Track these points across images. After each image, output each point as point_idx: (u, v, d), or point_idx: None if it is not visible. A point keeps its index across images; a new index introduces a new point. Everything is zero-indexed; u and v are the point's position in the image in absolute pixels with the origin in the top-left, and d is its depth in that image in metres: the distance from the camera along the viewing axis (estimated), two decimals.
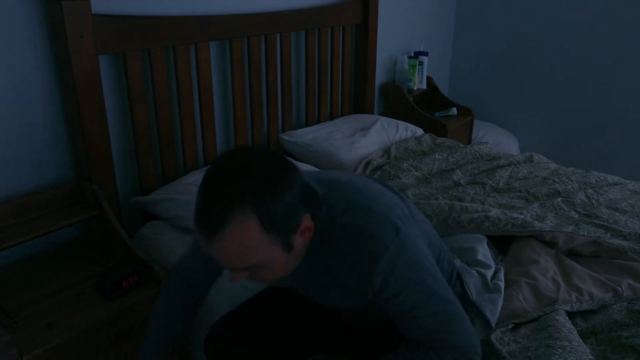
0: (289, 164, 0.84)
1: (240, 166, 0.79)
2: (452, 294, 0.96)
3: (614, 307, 1.26)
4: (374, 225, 0.90)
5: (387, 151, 2.33)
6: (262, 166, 0.80)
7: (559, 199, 1.81)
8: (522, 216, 1.63)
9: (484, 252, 1.43)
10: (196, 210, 0.79)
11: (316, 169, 2.00)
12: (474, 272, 1.33)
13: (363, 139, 2.27)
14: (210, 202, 0.78)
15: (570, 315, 1.24)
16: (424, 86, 3.04)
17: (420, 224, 1.03)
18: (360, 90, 2.71)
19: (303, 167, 1.92)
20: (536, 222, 1.57)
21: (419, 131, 2.57)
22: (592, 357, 1.06)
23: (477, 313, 1.22)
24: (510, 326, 1.19)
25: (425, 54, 2.97)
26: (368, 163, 2.17)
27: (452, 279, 1.21)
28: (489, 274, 1.33)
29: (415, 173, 2.09)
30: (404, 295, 0.90)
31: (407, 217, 0.96)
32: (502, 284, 1.31)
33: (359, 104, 2.73)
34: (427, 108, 3.05)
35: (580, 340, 1.12)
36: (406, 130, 2.50)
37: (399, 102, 2.86)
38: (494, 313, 1.21)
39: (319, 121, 2.51)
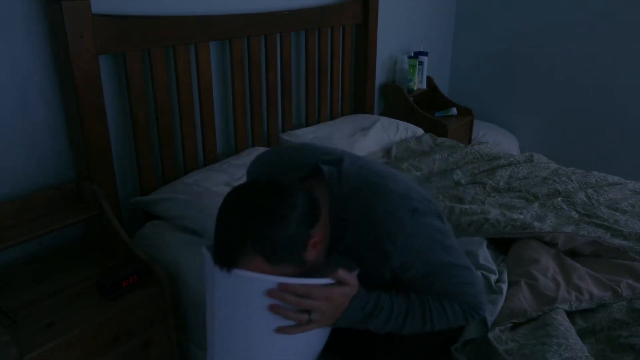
0: (283, 195, 0.90)
1: (239, 210, 0.90)
2: (467, 260, 1.02)
3: (614, 306, 1.26)
4: (392, 204, 0.95)
5: (387, 151, 2.33)
6: (257, 206, 0.89)
7: (559, 198, 1.82)
8: (521, 217, 1.63)
9: (485, 256, 1.43)
10: (215, 250, 0.92)
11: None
12: (479, 273, 1.33)
13: (363, 139, 2.27)
14: (220, 247, 0.90)
15: (570, 314, 1.24)
16: (424, 86, 3.04)
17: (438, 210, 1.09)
18: (360, 90, 2.71)
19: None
20: (536, 222, 1.58)
21: (419, 131, 2.57)
22: (588, 354, 1.06)
23: None
24: (509, 325, 1.19)
25: (425, 54, 2.97)
26: None
27: None
28: (493, 278, 1.34)
29: (416, 173, 2.09)
30: (421, 268, 0.97)
31: (425, 199, 1.01)
32: (505, 286, 1.31)
33: (359, 104, 2.73)
34: (427, 108, 3.05)
35: (578, 338, 1.12)
36: (406, 130, 2.50)
37: (399, 102, 2.86)
38: (492, 312, 1.21)
39: (319, 121, 2.51)
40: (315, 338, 0.98)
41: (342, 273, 0.92)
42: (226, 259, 0.89)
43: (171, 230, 1.65)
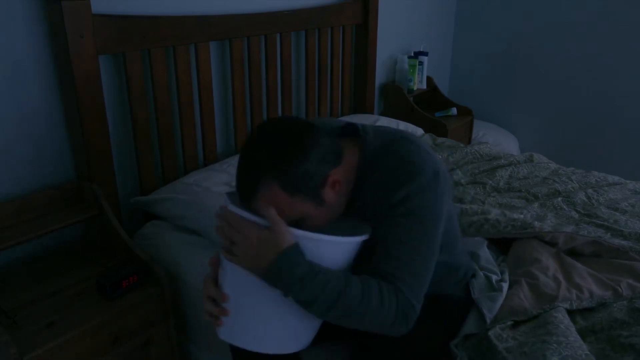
0: (306, 131, 0.93)
1: (263, 139, 0.94)
2: (432, 262, 0.99)
3: (614, 305, 1.26)
4: (420, 158, 0.98)
5: None
6: (281, 137, 0.92)
7: (559, 198, 1.82)
8: (522, 216, 1.63)
9: (485, 257, 1.43)
10: (236, 181, 0.96)
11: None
12: (482, 273, 1.33)
13: None
14: (241, 175, 0.95)
15: (571, 313, 1.24)
16: (424, 86, 3.04)
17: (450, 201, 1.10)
18: (360, 90, 2.71)
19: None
20: (536, 222, 1.57)
21: (419, 131, 2.57)
22: (588, 352, 1.06)
23: (475, 308, 1.22)
24: (510, 323, 1.19)
25: (425, 54, 2.97)
26: None
27: (467, 276, 1.26)
28: (495, 279, 1.34)
29: None
30: (407, 221, 0.95)
31: (448, 178, 1.03)
32: (505, 285, 1.31)
33: (359, 104, 2.73)
34: (427, 108, 3.05)
35: (578, 336, 1.12)
36: (406, 130, 2.50)
37: (399, 102, 2.86)
38: (490, 309, 1.21)
39: None
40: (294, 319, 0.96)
41: (271, 212, 0.88)
42: (245, 188, 0.93)
43: (171, 230, 1.65)
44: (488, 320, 1.18)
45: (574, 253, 1.50)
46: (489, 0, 3.25)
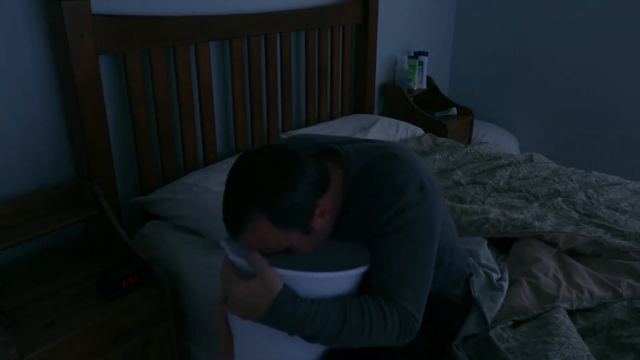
0: (294, 162, 0.91)
1: (250, 172, 0.90)
2: (430, 275, 0.99)
3: (615, 305, 1.26)
4: (403, 175, 0.96)
5: None
6: (268, 169, 0.89)
7: (559, 198, 1.82)
8: (522, 216, 1.63)
9: (486, 255, 1.43)
10: (222, 213, 0.93)
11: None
12: (482, 271, 1.33)
13: None
14: (228, 207, 0.92)
15: (571, 313, 1.24)
16: (424, 86, 3.04)
17: (442, 200, 1.08)
18: (360, 90, 2.71)
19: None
20: (536, 222, 1.58)
21: (419, 131, 2.57)
22: (589, 353, 1.06)
23: (475, 308, 1.22)
24: (510, 323, 1.19)
25: (425, 54, 2.97)
26: None
27: (464, 277, 1.25)
28: (495, 277, 1.34)
29: None
30: (397, 238, 0.95)
31: (436, 185, 1.01)
32: (506, 284, 1.31)
33: (359, 104, 2.73)
34: (427, 108, 3.05)
35: (579, 337, 1.12)
36: (406, 131, 2.50)
37: (399, 102, 2.86)
38: (491, 309, 1.21)
39: (319, 121, 2.51)
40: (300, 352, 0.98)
41: (255, 257, 0.88)
42: (233, 221, 0.91)
43: (171, 230, 1.64)
44: (489, 321, 1.18)
45: (574, 253, 1.50)
46: (489, 1, 3.25)
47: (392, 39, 2.92)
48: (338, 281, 0.93)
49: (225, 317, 1.02)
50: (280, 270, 0.88)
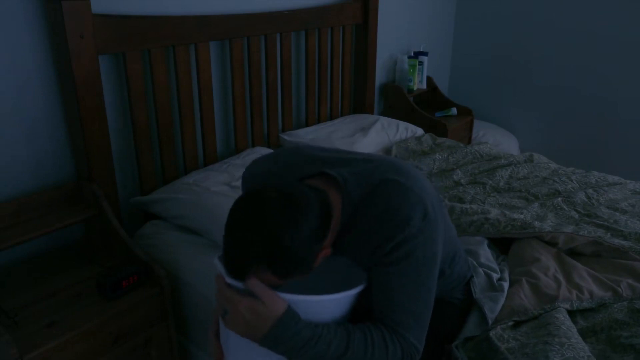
0: (300, 210, 0.86)
1: (255, 222, 0.85)
2: (432, 300, 0.99)
3: (614, 306, 1.26)
4: (405, 204, 0.94)
5: (387, 151, 2.33)
6: (275, 221, 0.84)
7: (559, 198, 1.82)
8: (522, 216, 1.63)
9: (486, 255, 1.43)
10: (225, 256, 0.90)
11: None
12: (482, 271, 1.33)
13: (363, 139, 2.27)
14: (231, 257, 0.88)
15: (571, 313, 1.24)
16: (424, 86, 3.04)
17: (444, 216, 1.07)
18: (360, 90, 2.71)
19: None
20: (536, 222, 1.58)
21: (419, 131, 2.57)
22: (590, 354, 1.06)
23: (476, 309, 1.22)
24: (511, 323, 1.19)
25: (425, 54, 2.97)
26: None
27: (464, 281, 1.25)
28: (495, 277, 1.34)
29: None
30: (399, 267, 0.94)
31: (437, 205, 1.00)
32: (506, 285, 1.31)
33: (359, 104, 2.73)
34: (427, 108, 3.05)
35: (579, 337, 1.12)
36: (406, 130, 2.50)
37: (399, 102, 2.86)
38: (492, 310, 1.21)
39: (319, 121, 2.51)
40: None
41: (253, 282, 0.86)
42: (236, 272, 0.88)
43: (171, 230, 1.64)
44: (490, 321, 1.18)
45: (574, 253, 1.50)
46: (489, 1, 3.25)
47: (392, 39, 2.92)
48: (334, 303, 0.93)
49: (216, 330, 1.01)
50: (280, 294, 0.88)
